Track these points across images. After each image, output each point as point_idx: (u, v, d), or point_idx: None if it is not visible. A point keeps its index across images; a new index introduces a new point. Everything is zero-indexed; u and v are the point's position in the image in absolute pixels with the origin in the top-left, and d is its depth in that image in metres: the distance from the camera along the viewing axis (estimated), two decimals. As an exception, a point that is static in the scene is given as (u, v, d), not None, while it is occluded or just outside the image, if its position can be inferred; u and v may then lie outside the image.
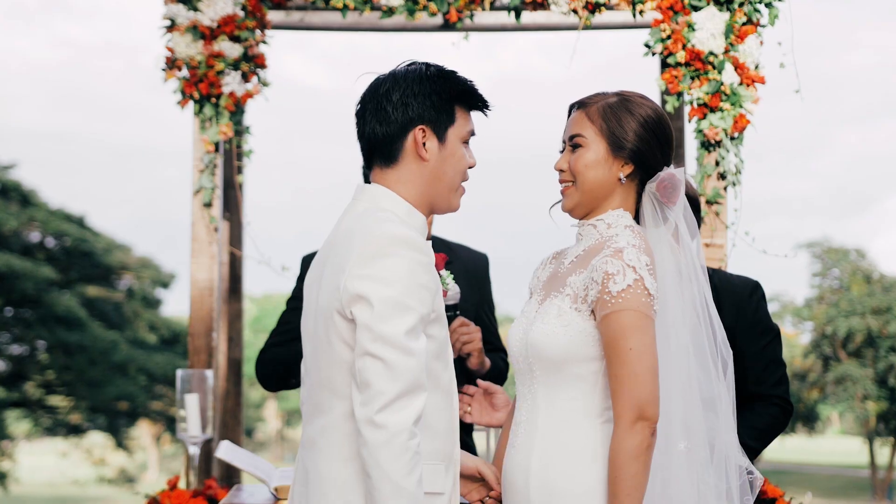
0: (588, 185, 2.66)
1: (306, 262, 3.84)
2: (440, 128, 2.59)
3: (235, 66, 4.60)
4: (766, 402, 3.40)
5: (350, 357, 2.47)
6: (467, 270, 3.79)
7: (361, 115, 2.62)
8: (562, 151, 2.73)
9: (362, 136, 2.62)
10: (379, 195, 2.61)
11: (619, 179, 2.65)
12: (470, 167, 2.66)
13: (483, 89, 2.66)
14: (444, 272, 2.74)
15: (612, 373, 2.52)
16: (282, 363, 3.74)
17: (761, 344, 3.41)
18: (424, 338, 2.47)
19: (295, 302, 3.78)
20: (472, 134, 2.66)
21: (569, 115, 2.73)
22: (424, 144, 2.58)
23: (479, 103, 2.64)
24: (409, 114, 2.58)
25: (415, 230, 2.56)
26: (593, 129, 2.65)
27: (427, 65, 2.63)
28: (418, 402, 2.42)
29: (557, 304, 2.61)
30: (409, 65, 2.64)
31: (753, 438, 3.33)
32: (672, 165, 2.71)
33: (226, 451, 3.52)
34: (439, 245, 3.80)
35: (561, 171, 2.70)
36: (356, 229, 2.53)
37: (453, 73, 2.63)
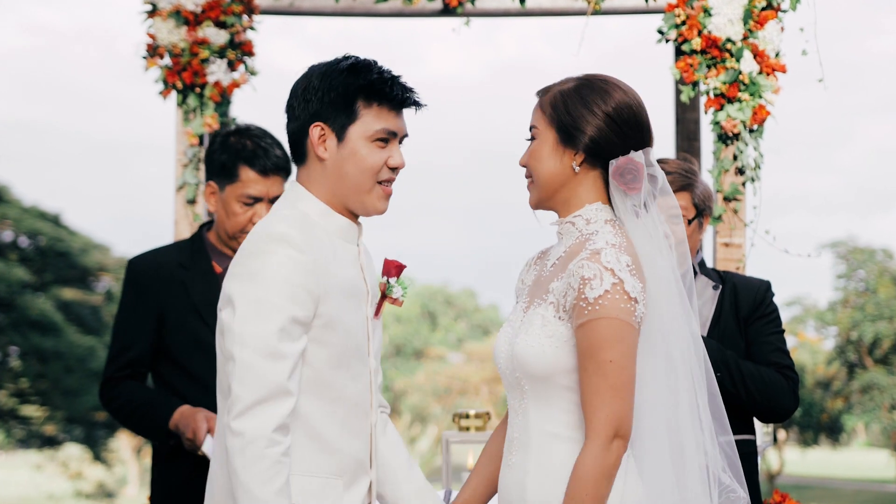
0: (541, 178, 2.66)
1: (133, 266, 3.85)
2: (337, 125, 2.61)
3: (221, 53, 4.59)
4: (771, 367, 3.58)
5: None
6: None
7: (286, 112, 2.70)
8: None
9: (287, 133, 2.70)
10: (296, 195, 2.67)
11: (573, 169, 2.63)
12: (392, 168, 2.66)
13: (476, 78, 2.67)
14: (394, 280, 2.74)
15: (587, 384, 2.49)
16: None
17: (769, 331, 3.61)
18: (303, 342, 2.51)
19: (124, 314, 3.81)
20: (392, 133, 2.65)
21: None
22: (325, 142, 2.61)
23: (388, 99, 2.63)
24: (308, 110, 2.62)
25: (325, 231, 2.60)
26: (544, 119, 2.66)
27: (345, 58, 2.65)
28: (281, 408, 2.46)
29: (541, 314, 2.58)
30: (336, 59, 2.67)
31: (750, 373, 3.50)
32: (645, 151, 2.66)
33: (210, 445, 3.53)
34: None
35: (524, 166, 2.71)
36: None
37: (367, 66, 2.63)
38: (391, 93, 2.63)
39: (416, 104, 2.67)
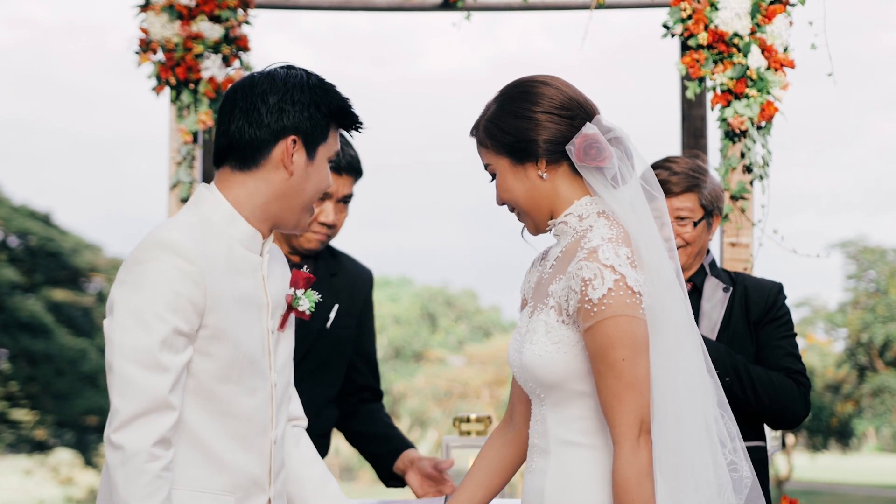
0: (523, 203, 2.65)
1: None
2: (312, 143, 2.63)
3: (216, 48, 4.60)
4: (781, 373, 3.56)
5: None
6: (352, 288, 3.96)
7: (229, 112, 2.63)
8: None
9: (225, 132, 2.64)
10: (204, 198, 2.65)
11: (542, 178, 2.62)
12: (326, 190, 2.72)
13: (477, 73, 2.69)
14: (301, 292, 2.73)
15: (604, 387, 2.49)
16: None
17: (780, 335, 3.59)
18: (187, 354, 2.51)
19: None
20: (337, 155, 2.72)
21: None
22: (293, 156, 2.62)
23: (353, 125, 2.70)
24: (283, 121, 2.61)
25: (228, 237, 2.61)
26: (490, 152, 2.66)
27: (307, 73, 2.68)
28: (161, 422, 2.46)
29: (544, 320, 2.58)
30: (288, 68, 2.67)
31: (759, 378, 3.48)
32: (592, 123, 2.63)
33: None
34: (326, 257, 3.92)
35: (502, 205, 2.71)
36: None
37: (333, 87, 2.68)
38: (354, 119, 2.70)
39: (361, 130, 2.75)
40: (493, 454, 2.81)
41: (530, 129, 2.59)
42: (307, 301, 2.70)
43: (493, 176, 2.68)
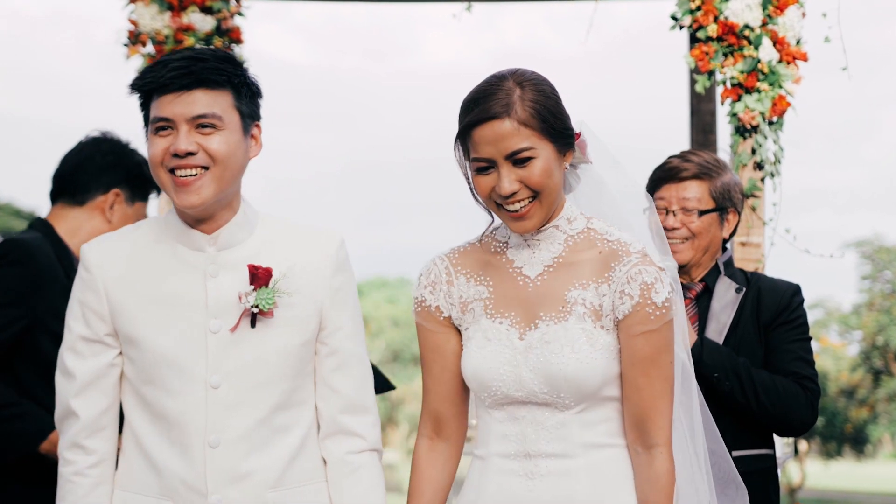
0: (552, 195, 2.59)
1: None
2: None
3: (207, 40, 4.60)
4: (788, 378, 3.52)
5: None
6: None
7: None
8: (485, 171, 2.58)
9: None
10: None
11: (565, 171, 2.65)
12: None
13: (477, 66, 2.70)
14: (251, 288, 2.70)
15: (650, 390, 2.58)
16: None
17: (791, 338, 3.54)
18: (100, 360, 2.70)
19: None
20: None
21: (477, 122, 2.57)
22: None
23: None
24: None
25: (173, 238, 2.73)
26: (534, 134, 2.55)
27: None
28: (70, 428, 2.70)
29: (580, 327, 2.59)
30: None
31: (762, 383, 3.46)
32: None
33: None
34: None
35: (512, 192, 2.56)
36: None
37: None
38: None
39: None
40: (437, 475, 2.76)
41: (569, 118, 2.61)
42: (266, 298, 2.67)
43: (523, 162, 2.55)
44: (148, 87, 2.67)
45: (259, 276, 2.68)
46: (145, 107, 2.71)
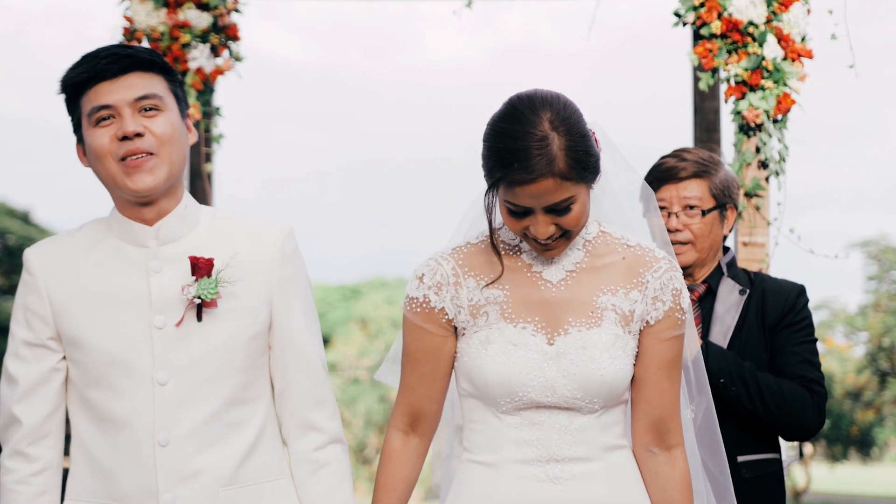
0: (582, 227, 2.61)
1: None
2: (78, 133, 2.80)
3: (204, 38, 4.60)
4: (794, 381, 3.51)
5: None
6: None
7: None
8: (520, 216, 2.55)
9: None
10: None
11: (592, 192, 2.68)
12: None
13: (477, 64, 2.67)
14: (206, 279, 2.69)
15: (671, 393, 2.68)
16: None
17: (797, 340, 3.55)
18: (42, 365, 2.69)
19: None
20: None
21: (521, 182, 2.50)
22: (82, 154, 2.80)
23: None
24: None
25: (117, 237, 2.71)
26: (575, 185, 2.52)
27: None
28: (12, 436, 2.69)
29: (613, 333, 2.62)
30: None
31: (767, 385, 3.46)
32: None
33: None
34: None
35: (550, 238, 2.57)
36: None
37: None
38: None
39: None
40: (409, 472, 2.75)
41: (594, 144, 2.57)
42: (208, 288, 2.66)
43: (562, 211, 2.55)
44: (82, 77, 2.66)
45: (200, 267, 2.66)
46: (74, 105, 2.69)
